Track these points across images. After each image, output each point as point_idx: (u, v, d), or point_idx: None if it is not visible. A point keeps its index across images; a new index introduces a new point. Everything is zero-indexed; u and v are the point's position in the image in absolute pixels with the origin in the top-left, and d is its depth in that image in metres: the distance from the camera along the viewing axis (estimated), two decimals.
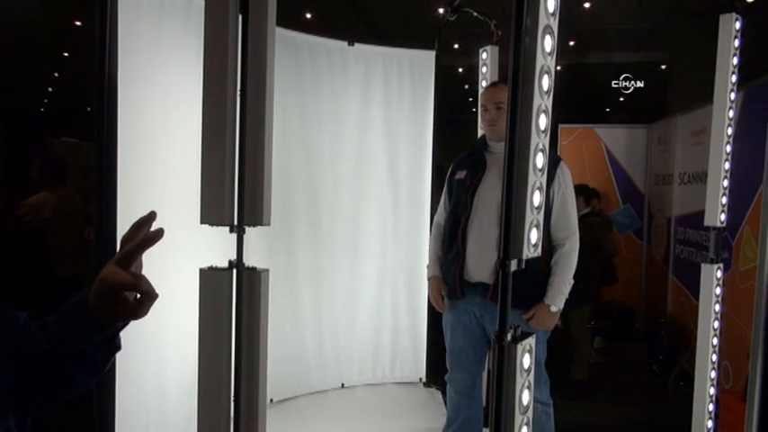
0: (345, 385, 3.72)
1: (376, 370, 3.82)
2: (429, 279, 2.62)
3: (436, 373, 3.84)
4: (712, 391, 2.74)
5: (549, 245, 2.36)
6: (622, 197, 5.69)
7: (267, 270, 1.62)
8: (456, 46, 8.21)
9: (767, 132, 3.10)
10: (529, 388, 1.35)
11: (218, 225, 1.54)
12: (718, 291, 2.70)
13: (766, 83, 3.29)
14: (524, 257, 1.37)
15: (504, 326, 1.32)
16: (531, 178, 1.33)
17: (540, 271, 2.34)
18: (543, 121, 1.34)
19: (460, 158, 2.60)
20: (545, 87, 1.32)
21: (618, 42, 8.72)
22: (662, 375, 4.31)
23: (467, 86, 10.11)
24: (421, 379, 3.87)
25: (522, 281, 2.31)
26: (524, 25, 1.25)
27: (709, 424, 2.75)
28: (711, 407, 2.74)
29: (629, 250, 5.64)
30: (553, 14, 1.32)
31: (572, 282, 2.33)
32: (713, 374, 2.74)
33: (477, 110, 3.15)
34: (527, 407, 1.35)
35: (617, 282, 4.78)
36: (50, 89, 12.70)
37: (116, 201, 2.07)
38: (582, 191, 4.32)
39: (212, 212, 1.53)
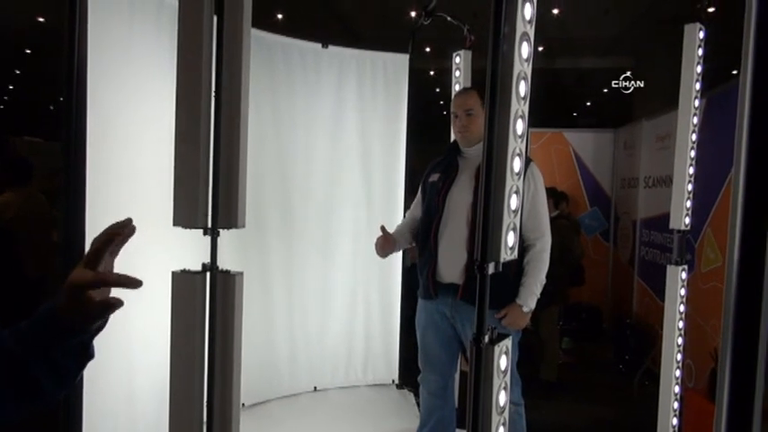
0: (318, 388, 3.71)
1: (348, 372, 3.82)
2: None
3: (409, 375, 3.85)
4: (677, 389, 2.82)
5: (521, 245, 2.40)
6: (590, 200, 5.81)
7: (241, 273, 1.60)
8: (428, 49, 8.27)
9: (733, 138, 3.21)
10: (505, 389, 1.37)
11: (191, 227, 1.52)
12: (682, 292, 2.78)
13: (727, 90, 3.41)
14: (502, 260, 1.39)
15: (481, 327, 1.33)
16: (509, 182, 1.35)
17: (511, 272, 2.37)
18: (520, 126, 1.36)
19: (435, 161, 2.63)
20: (522, 93, 1.34)
21: (585, 48, 8.92)
22: (628, 375, 4.42)
23: (439, 90, 10.19)
24: (394, 381, 3.88)
25: (493, 281, 2.35)
26: (502, 32, 1.27)
27: (674, 422, 2.83)
28: (676, 405, 2.82)
29: (597, 252, 5.77)
30: (530, 21, 1.34)
31: (543, 282, 2.37)
32: (678, 373, 2.81)
33: (448, 113, 3.19)
34: (503, 408, 1.37)
35: (585, 283, 4.88)
36: (11, 87, 12.32)
37: (84, 202, 2.02)
38: (551, 194, 4.40)
39: (185, 215, 1.50)
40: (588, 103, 10.15)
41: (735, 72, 7.89)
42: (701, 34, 2.72)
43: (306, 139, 3.58)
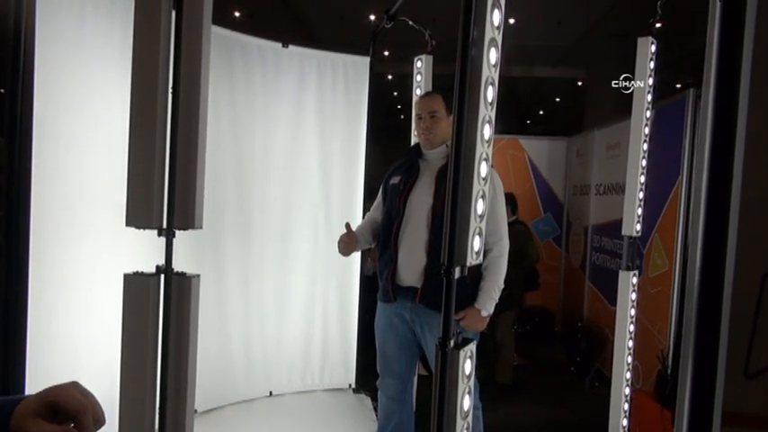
0: (274, 393, 3.64)
1: (305, 377, 3.77)
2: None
3: (366, 379, 3.84)
4: (627, 390, 2.91)
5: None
6: (543, 206, 5.95)
7: (198, 276, 1.55)
8: (387, 53, 8.30)
9: (679, 148, 3.34)
10: (469, 393, 1.37)
11: (145, 228, 1.46)
12: (633, 296, 2.87)
13: (676, 102, 3.55)
14: (468, 264, 1.39)
15: (447, 332, 1.33)
16: (476, 187, 1.35)
17: (468, 276, 2.39)
18: (487, 131, 1.37)
19: (396, 164, 2.62)
20: (489, 98, 1.35)
21: (538, 58, 9.15)
22: (579, 376, 4.53)
23: (398, 93, 10.23)
24: (350, 385, 3.86)
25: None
26: (471, 36, 1.27)
27: (624, 422, 2.91)
28: (626, 406, 2.91)
29: (549, 257, 5.90)
30: (498, 27, 1.35)
31: (502, 287, 2.40)
32: (628, 375, 2.90)
33: (409, 116, 3.21)
34: (467, 412, 1.37)
35: (539, 287, 4.98)
36: None
37: (29, 201, 1.91)
38: (508, 200, 4.47)
39: (139, 215, 1.44)
40: (541, 112, 10.41)
41: (678, 86, 8.24)
42: (653, 48, 2.82)
43: (264, 139, 3.52)
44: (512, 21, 7.66)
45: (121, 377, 1.49)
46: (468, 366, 1.35)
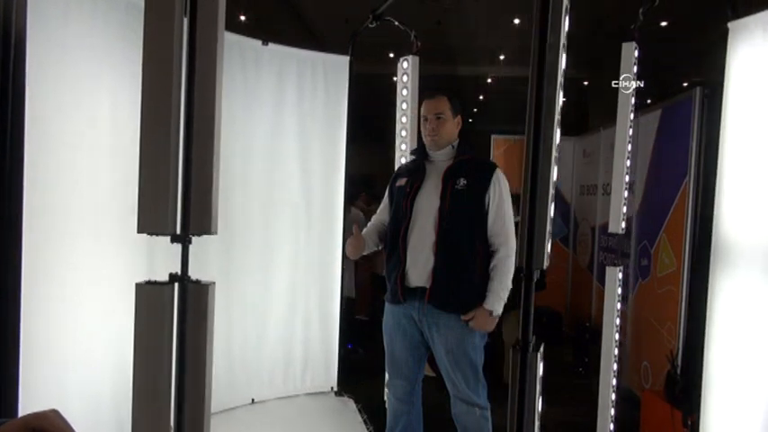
0: (256, 400, 3.56)
1: (287, 382, 3.70)
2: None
3: (348, 382, 3.83)
4: (614, 381, 3.00)
5: (487, 250, 2.43)
6: None
7: (213, 283, 1.51)
8: (368, 54, 8.29)
9: (687, 146, 3.35)
10: (541, 395, 1.41)
11: (159, 234, 1.42)
12: (619, 291, 2.99)
13: (683, 101, 3.53)
14: (544, 267, 1.41)
15: (527, 334, 1.35)
16: (551, 191, 1.38)
17: (476, 276, 2.40)
18: (558, 136, 1.41)
19: (402, 166, 2.64)
20: (560, 103, 1.38)
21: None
22: (587, 377, 4.52)
23: (379, 94, 10.15)
24: (332, 388, 3.80)
25: (459, 286, 2.38)
26: (548, 41, 1.33)
27: (612, 411, 2.99)
28: (614, 396, 2.99)
29: (556, 257, 5.89)
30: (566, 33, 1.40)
31: (510, 287, 2.40)
32: (615, 366, 3.00)
33: (390, 118, 3.22)
34: (540, 413, 1.39)
35: (546, 287, 4.96)
36: None
37: (21, 205, 1.87)
38: (515, 199, 4.46)
39: (153, 220, 1.39)
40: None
41: (685, 84, 8.19)
42: (636, 53, 2.90)
43: (245, 139, 3.44)
44: (516, 21, 7.67)
45: (134, 393, 1.43)
46: (541, 368, 1.38)
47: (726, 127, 2.62)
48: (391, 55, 7.36)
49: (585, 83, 9.59)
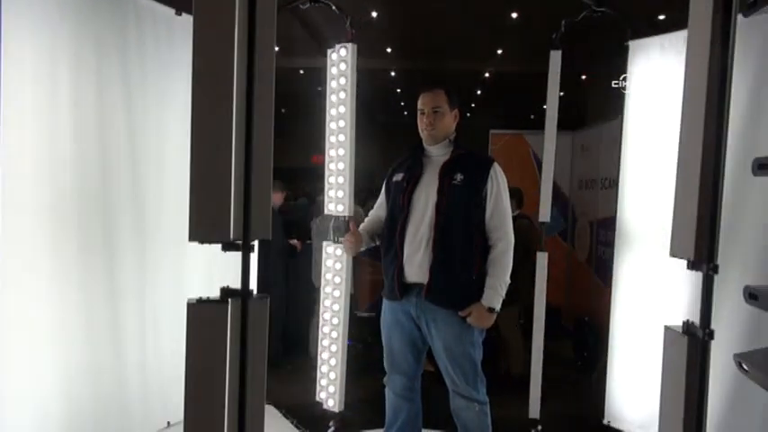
0: (172, 423, 3.22)
1: None
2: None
3: (269, 387, 3.77)
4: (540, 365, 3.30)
5: (484, 245, 2.42)
6: None
7: (267, 297, 1.41)
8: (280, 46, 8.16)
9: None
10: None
11: (216, 242, 1.31)
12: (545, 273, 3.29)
13: None
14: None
15: (707, 321, 1.39)
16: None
17: (474, 272, 2.39)
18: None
19: (399, 161, 2.63)
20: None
21: (542, 53, 9.07)
22: (586, 371, 4.52)
23: (301, 84, 9.93)
24: None
25: (456, 282, 2.37)
26: (731, 41, 1.36)
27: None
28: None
29: (555, 252, 5.88)
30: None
31: (508, 282, 2.40)
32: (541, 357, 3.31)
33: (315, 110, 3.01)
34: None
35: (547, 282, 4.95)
36: None
37: None
38: (514, 193, 4.45)
39: (209, 228, 1.29)
40: (546, 107, 10.39)
41: None
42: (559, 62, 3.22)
43: (158, 122, 3.03)
44: (514, 15, 7.63)
45: (186, 422, 1.33)
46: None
47: (627, 131, 3.27)
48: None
49: (583, 77, 9.57)
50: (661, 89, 3.09)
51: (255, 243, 1.39)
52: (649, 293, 3.12)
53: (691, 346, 1.43)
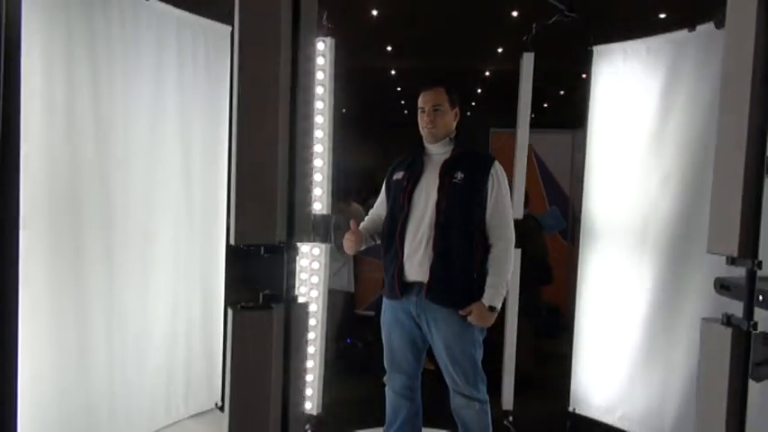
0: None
1: (169, 408, 3.21)
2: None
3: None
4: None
5: (485, 244, 2.42)
6: (549, 199, 5.93)
7: (307, 302, 1.42)
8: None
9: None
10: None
11: (261, 245, 1.31)
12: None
13: None
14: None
15: (750, 314, 1.40)
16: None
17: (474, 270, 2.39)
18: None
19: (399, 160, 2.63)
20: None
21: (543, 51, 9.08)
22: None
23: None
24: (216, 403, 3.45)
25: (457, 281, 2.37)
26: None
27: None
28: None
29: (555, 251, 5.88)
30: None
31: (509, 281, 2.41)
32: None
33: None
34: None
35: (552, 281, 4.95)
36: None
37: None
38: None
39: (254, 230, 1.30)
40: (546, 105, 10.37)
41: None
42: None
43: (125, 115, 2.87)
44: (515, 14, 7.62)
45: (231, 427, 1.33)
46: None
47: (592, 132, 3.46)
48: None
49: (583, 75, 9.56)
50: (624, 92, 3.29)
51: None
52: (612, 286, 3.35)
53: (734, 338, 1.43)
